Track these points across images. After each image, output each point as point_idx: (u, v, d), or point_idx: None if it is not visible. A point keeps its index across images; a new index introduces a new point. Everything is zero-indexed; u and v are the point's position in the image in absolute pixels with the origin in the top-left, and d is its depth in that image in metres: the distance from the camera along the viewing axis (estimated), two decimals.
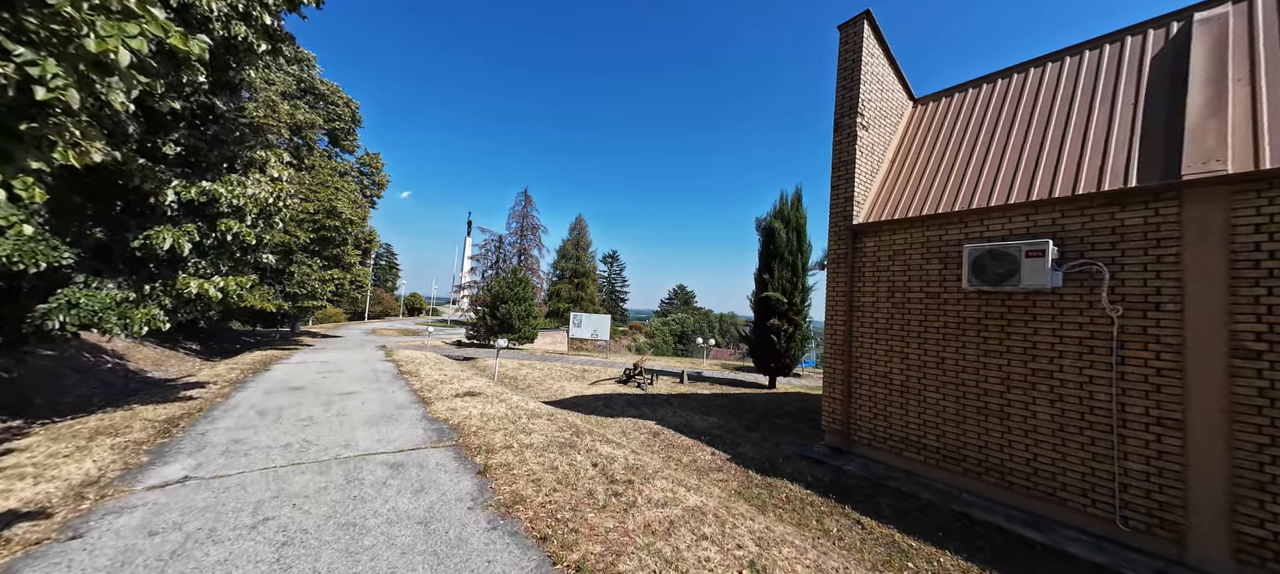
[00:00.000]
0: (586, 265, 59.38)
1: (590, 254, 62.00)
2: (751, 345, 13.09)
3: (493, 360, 14.70)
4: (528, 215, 53.48)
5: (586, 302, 55.14)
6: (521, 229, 52.81)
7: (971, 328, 4.70)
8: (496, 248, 53.08)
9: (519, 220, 52.88)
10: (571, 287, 55.34)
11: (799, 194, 12.83)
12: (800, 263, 12.36)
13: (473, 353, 16.55)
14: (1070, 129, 4.78)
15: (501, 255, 53.00)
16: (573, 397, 9.71)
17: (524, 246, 51.98)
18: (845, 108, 6.24)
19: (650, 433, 7.00)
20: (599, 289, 66.54)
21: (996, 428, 4.45)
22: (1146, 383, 3.58)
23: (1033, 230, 4.31)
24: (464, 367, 12.47)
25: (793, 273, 12.29)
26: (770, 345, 12.20)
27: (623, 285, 74.78)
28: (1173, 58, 4.54)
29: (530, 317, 19.00)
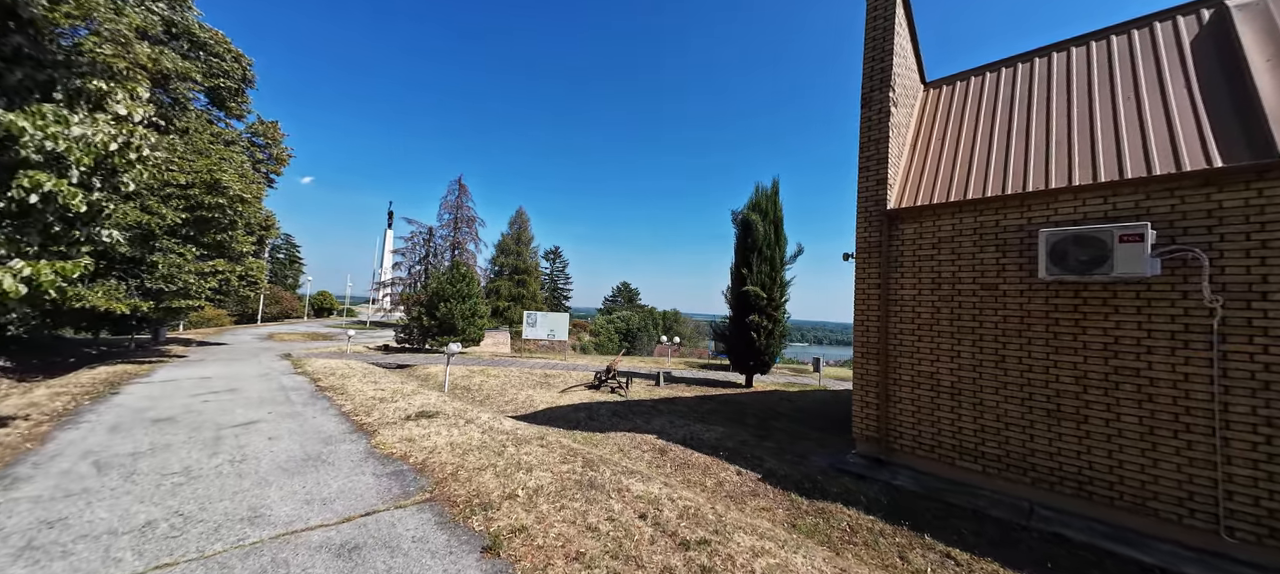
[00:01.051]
0: (528, 261, 56.49)
1: (532, 250, 59.11)
2: (728, 342, 12.55)
3: (435, 367, 12.64)
4: (463, 206, 49.30)
5: (528, 299, 52.35)
6: (455, 221, 48.53)
7: (1038, 322, 4.29)
8: (426, 241, 48.33)
9: (452, 211, 48.53)
10: (512, 284, 52.23)
11: (776, 186, 12.51)
12: (778, 257, 12.04)
13: (406, 359, 14.21)
14: (1121, 111, 4.57)
15: (432, 249, 48.34)
16: (546, 408, 8.33)
17: (458, 240, 47.79)
18: (876, 80, 5.69)
19: (655, 450, 5.96)
20: (541, 286, 63.78)
21: (1072, 433, 4.06)
22: (1253, 380, 3.30)
23: (1111, 214, 3.96)
24: (402, 377, 10.41)
25: (770, 267, 11.93)
26: (749, 342, 11.73)
27: (566, 283, 72.58)
28: (1216, 43, 4.47)
29: (476, 316, 16.88)
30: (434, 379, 10.93)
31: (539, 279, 61.66)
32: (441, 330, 16.45)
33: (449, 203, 49.18)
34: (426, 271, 46.32)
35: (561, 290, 72.22)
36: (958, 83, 6.47)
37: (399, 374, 11.17)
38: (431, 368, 12.63)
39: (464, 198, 49.69)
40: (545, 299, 62.82)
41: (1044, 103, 5.23)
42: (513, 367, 13.53)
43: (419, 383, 9.76)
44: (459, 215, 49.05)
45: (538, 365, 14.10)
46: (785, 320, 12.04)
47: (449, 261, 43.56)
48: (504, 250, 55.53)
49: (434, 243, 48.79)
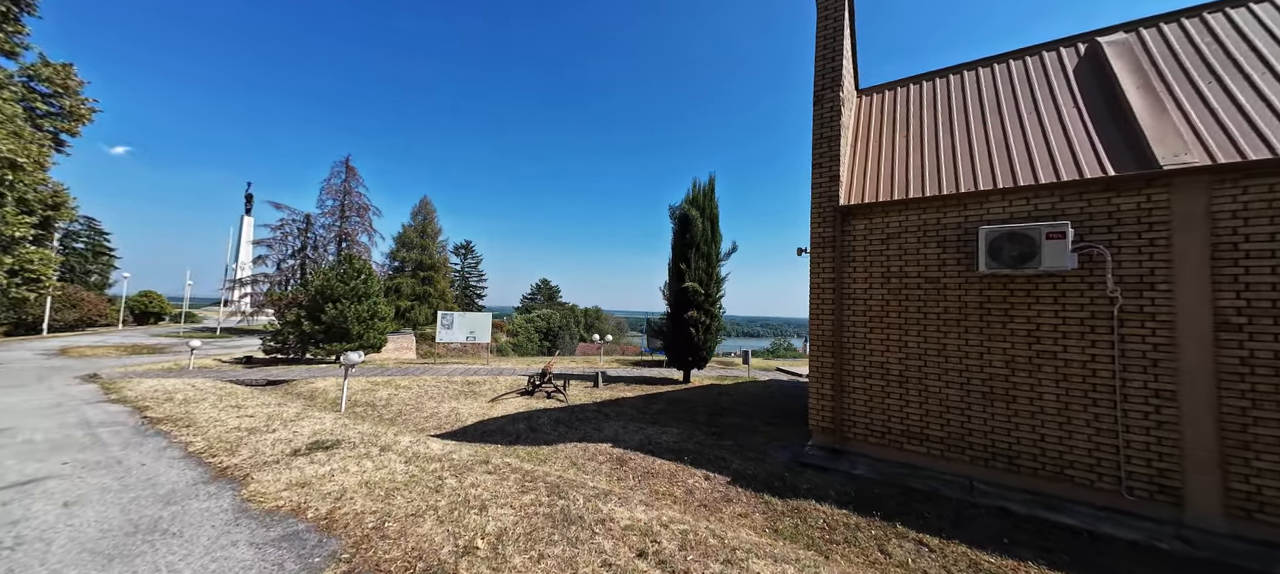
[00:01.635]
0: (436, 256, 51.57)
1: (440, 244, 54.11)
2: (666, 338, 12.45)
3: (325, 381, 10.52)
4: (352, 192, 43.03)
5: (436, 298, 47.77)
6: (343, 209, 42.11)
7: (975, 312, 4.68)
8: (302, 230, 41.30)
9: (338, 197, 42.03)
10: (416, 281, 47.25)
11: (712, 183, 12.70)
12: (714, 253, 12.23)
13: (280, 373, 11.66)
14: (1029, 125, 5.21)
15: (311, 241, 41.46)
16: (478, 422, 7.28)
17: (347, 231, 41.57)
18: (826, 79, 5.83)
19: (613, 460, 5.46)
20: (452, 284, 58.80)
21: (1002, 412, 4.48)
22: (1145, 359, 3.89)
23: (1033, 214, 4.44)
24: (279, 397, 8.39)
25: (707, 263, 12.08)
26: (688, 338, 11.75)
27: (479, 280, 67.99)
28: (1093, 71, 5.31)
29: (375, 318, 14.51)
30: (325, 397, 9.04)
31: (448, 276, 56.81)
32: (329, 336, 13.84)
33: (334, 187, 42.51)
34: (304, 267, 39.52)
35: (474, 288, 67.43)
36: (893, 90, 6.98)
37: (273, 393, 9.03)
38: (319, 382, 10.50)
39: (353, 182, 43.37)
40: (456, 298, 58.11)
41: (971, 113, 5.81)
42: (426, 375, 11.86)
43: (304, 403, 7.95)
44: (347, 202, 42.70)
45: (456, 372, 12.57)
46: (722, 316, 12.28)
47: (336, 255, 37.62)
48: (406, 244, 50.03)
49: (314, 233, 41.87)
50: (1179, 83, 4.61)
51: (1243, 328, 3.57)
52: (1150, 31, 5.31)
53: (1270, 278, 3.50)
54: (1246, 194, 3.61)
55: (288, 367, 13.17)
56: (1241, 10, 4.91)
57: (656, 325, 13.26)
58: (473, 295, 65.83)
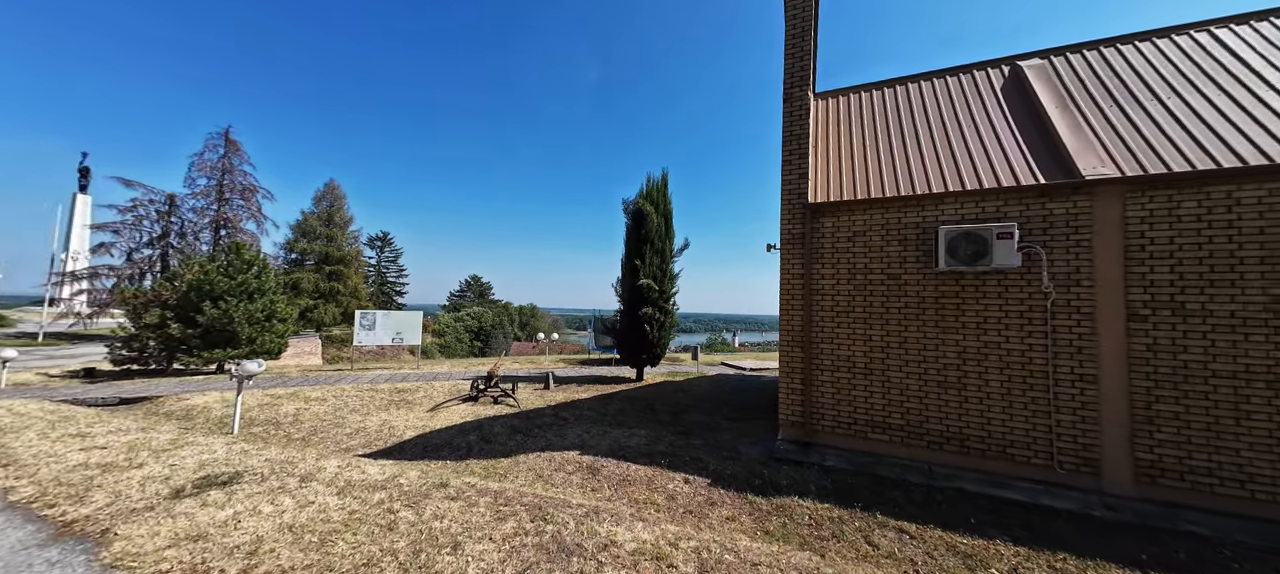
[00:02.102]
0: (345, 248, 46.37)
1: (352, 235, 48.73)
2: (619, 336, 12.18)
3: (205, 397, 8.71)
4: (234, 170, 36.98)
5: (346, 296, 42.93)
6: (221, 189, 36.01)
7: (931, 307, 5.03)
8: (162, 214, 34.66)
9: (214, 176, 35.85)
10: (321, 276, 42.16)
11: (665, 178, 12.64)
12: (669, 249, 12.20)
13: (139, 388, 9.46)
14: (969, 134, 5.74)
15: (177, 227, 34.95)
16: (419, 436, 6.42)
17: (228, 215, 35.63)
18: (796, 77, 5.94)
19: (584, 469, 5.10)
20: (366, 280, 53.28)
21: (954, 399, 4.87)
22: (1071, 347, 4.43)
23: (981, 216, 4.86)
24: (141, 418, 6.73)
25: (662, 259, 12.01)
26: (642, 335, 11.60)
27: (399, 275, 62.45)
28: (1018, 89, 5.99)
29: (273, 319, 12.35)
30: (208, 416, 7.46)
31: (361, 271, 51.44)
32: (208, 342, 11.55)
33: (208, 164, 36.21)
34: (166, 258, 33.18)
35: (394, 285, 61.78)
36: (840, 96, 7.34)
37: (133, 415, 7.27)
38: (196, 398, 8.67)
39: (235, 158, 37.30)
40: (371, 296, 52.76)
41: (919, 121, 6.26)
42: (343, 383, 10.36)
43: (179, 426, 6.48)
44: (228, 182, 36.61)
45: (381, 379, 11.17)
46: (675, 313, 12.29)
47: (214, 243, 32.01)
48: (307, 233, 44.43)
49: (181, 218, 35.38)
50: (1088, 104, 5.34)
51: (1147, 319, 4.19)
52: (1059, 60, 6.11)
53: (1169, 276, 4.13)
54: (1152, 203, 4.23)
55: (149, 380, 10.76)
56: (1130, 46, 5.83)
57: (608, 322, 12.94)
58: (391, 292, 60.22)
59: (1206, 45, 5.40)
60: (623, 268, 12.33)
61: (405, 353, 35.53)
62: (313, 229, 45.41)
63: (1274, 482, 3.72)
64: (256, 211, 38.15)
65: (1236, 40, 5.28)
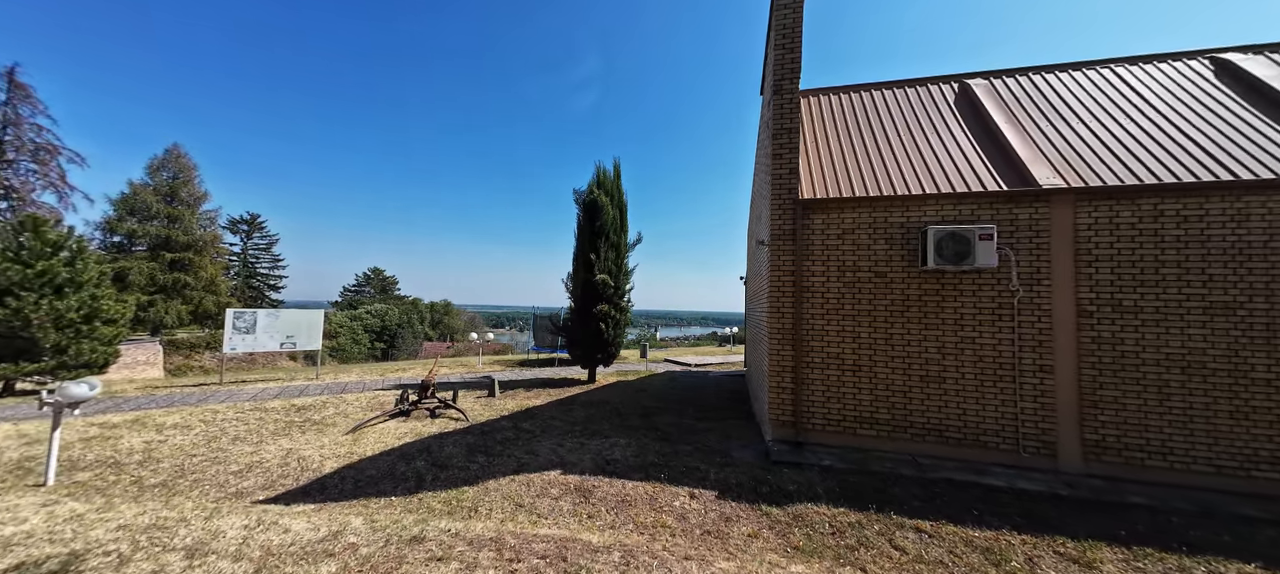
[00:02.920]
0: (195, 231, 38.56)
1: (206, 216, 40.61)
2: (571, 334, 11.45)
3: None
4: (21, 122, 28.53)
5: (197, 291, 35.58)
6: (0, 147, 27.53)
7: (915, 304, 5.31)
8: None
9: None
10: (159, 266, 34.56)
11: (618, 168, 12.15)
12: (623, 243, 11.76)
13: None
14: (934, 141, 6.21)
15: None
16: (345, 468, 5.15)
17: (11, 183, 27.26)
18: (785, 70, 5.90)
19: (572, 492, 4.50)
20: (227, 270, 44.70)
21: (936, 393, 5.20)
22: (1033, 340, 4.95)
23: (960, 218, 5.24)
24: None
25: (617, 254, 11.54)
26: (597, 334, 11.02)
27: (273, 266, 53.60)
28: (969, 104, 6.65)
29: (96, 319, 9.33)
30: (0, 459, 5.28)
31: (221, 260, 43.16)
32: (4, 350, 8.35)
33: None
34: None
35: (266, 277, 52.81)
36: (827, 96, 7.57)
37: None
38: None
39: (23, 106, 28.90)
40: (234, 290, 44.48)
41: (897, 125, 6.64)
42: (212, 402, 8.18)
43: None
44: (13, 138, 28.12)
45: (267, 394, 9.06)
46: (630, 310, 11.88)
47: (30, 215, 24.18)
48: (137, 210, 36.23)
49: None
50: (1030, 122, 6.08)
51: (1093, 314, 4.82)
52: (999, 81, 6.92)
53: (1110, 276, 4.79)
54: (1096, 212, 4.87)
55: None
56: (1054, 75, 6.78)
57: (560, 321, 12.09)
58: (263, 286, 51.32)
59: (1122, 78, 6.47)
60: (575, 262, 11.60)
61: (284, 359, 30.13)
62: (146, 206, 37.00)
63: (1187, 453, 4.49)
64: (58, 179, 29.80)
65: (1144, 77, 6.41)
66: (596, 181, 11.80)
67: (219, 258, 41.24)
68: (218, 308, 37.38)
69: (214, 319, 37.64)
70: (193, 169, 39.34)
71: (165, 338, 29.73)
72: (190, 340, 30.75)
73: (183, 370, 28.40)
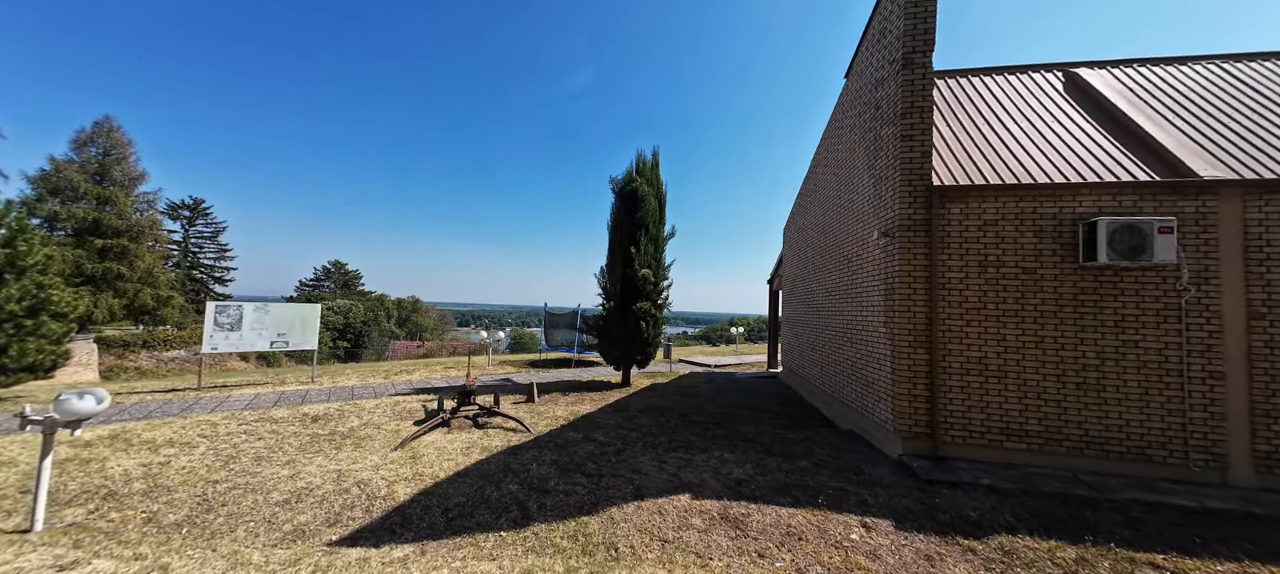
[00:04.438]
0: (130, 216, 35.18)
1: (142, 199, 37.18)
2: (606, 333, 10.67)
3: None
4: None
5: (133, 283, 32.31)
6: None
7: (1069, 304, 4.95)
8: None
9: None
10: (87, 253, 31.33)
11: (656, 157, 11.47)
12: (662, 237, 11.11)
13: None
14: (1059, 129, 5.91)
15: None
16: (422, 494, 4.23)
17: None
18: (918, 41, 5.44)
19: (719, 521, 3.90)
20: (167, 260, 40.96)
21: (1094, 402, 4.84)
22: (1202, 344, 4.67)
23: (1119, 209, 4.91)
24: None
25: (656, 248, 10.88)
26: (636, 332, 10.32)
27: (218, 257, 49.86)
28: (1081, 93, 6.41)
29: (43, 313, 7.77)
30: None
31: (156, 248, 39.54)
32: None
33: None
34: None
35: (211, 268, 48.97)
36: (960, 78, 7.20)
37: None
38: None
39: None
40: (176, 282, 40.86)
41: (1017, 111, 6.30)
42: (200, 411, 6.90)
43: None
44: None
45: (262, 401, 7.81)
46: (668, 307, 11.22)
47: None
48: (61, 191, 32.87)
49: None
50: (1166, 112, 5.87)
51: (1265, 317, 4.57)
52: (1115, 71, 6.73)
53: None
54: (1268, 207, 4.63)
55: None
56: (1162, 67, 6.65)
57: (593, 319, 11.26)
58: (208, 279, 47.48)
59: (1234, 73, 6.38)
60: (611, 256, 10.84)
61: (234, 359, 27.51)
62: (72, 185, 33.44)
63: None
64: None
65: (1264, 72, 6.33)
66: (635, 169, 11.09)
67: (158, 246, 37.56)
68: (156, 302, 33.95)
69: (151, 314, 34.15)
70: (127, 145, 35.70)
71: (94, 335, 26.61)
72: (123, 338, 27.68)
73: (116, 372, 25.43)
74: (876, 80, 6.20)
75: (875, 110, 6.17)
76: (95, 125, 34.43)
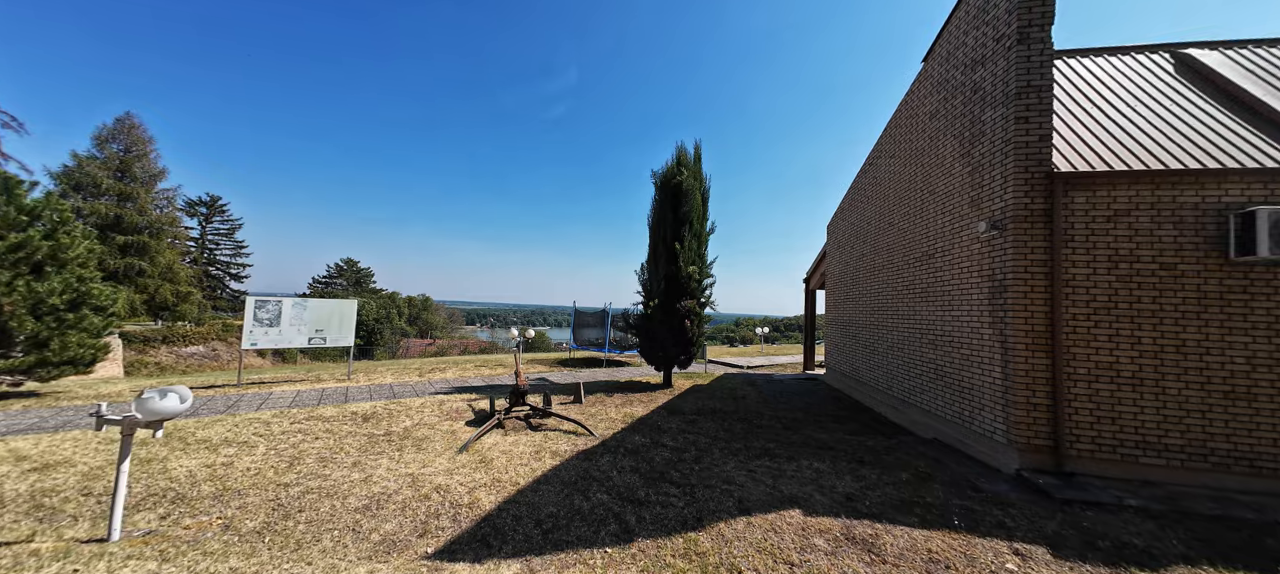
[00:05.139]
0: (151, 212, 35.74)
1: (162, 194, 37.75)
2: (649, 333, 10.30)
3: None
4: None
5: (150, 278, 32.60)
6: None
7: (1215, 303, 4.48)
8: None
9: None
10: (109, 250, 31.70)
11: (699, 150, 11.09)
12: (705, 233, 10.73)
13: None
14: (1182, 111, 5.44)
15: None
16: (507, 503, 3.90)
17: None
18: (1034, 13, 5.00)
19: (854, 544, 3.54)
20: (185, 256, 41.59)
21: (1244, 412, 4.37)
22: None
23: (1269, 198, 4.43)
24: None
25: (699, 244, 10.50)
26: (680, 332, 9.94)
27: (235, 253, 50.53)
28: (1196, 75, 5.92)
29: (86, 305, 7.60)
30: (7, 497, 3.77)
31: (178, 245, 40.19)
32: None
33: None
34: None
35: (227, 265, 49.67)
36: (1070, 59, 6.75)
37: None
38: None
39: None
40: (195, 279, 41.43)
41: (1138, 92, 5.83)
42: (245, 410, 6.64)
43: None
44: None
45: (308, 398, 7.55)
46: (711, 305, 10.82)
47: None
48: (84, 187, 33.35)
49: None
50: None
51: None
52: (1231, 51, 6.22)
53: None
54: None
55: None
56: None
57: (633, 317, 10.88)
58: (225, 275, 48.12)
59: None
60: (653, 252, 10.48)
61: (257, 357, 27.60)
62: (94, 181, 34.02)
63: None
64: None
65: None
66: (677, 163, 10.72)
67: (176, 242, 38.02)
68: (176, 297, 34.29)
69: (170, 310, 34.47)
70: (148, 142, 36.23)
71: (116, 330, 26.89)
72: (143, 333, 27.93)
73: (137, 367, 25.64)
74: (973, 61, 5.77)
75: (972, 92, 5.74)
76: (117, 121, 34.96)
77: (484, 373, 12.03)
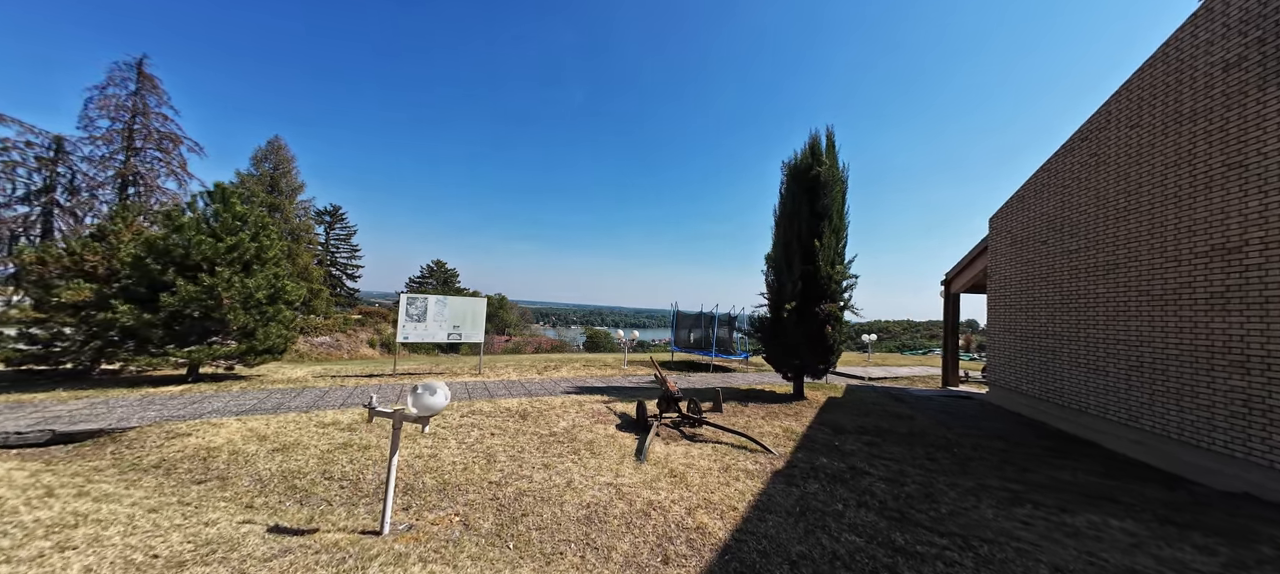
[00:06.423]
0: (294, 221, 40.85)
1: (302, 205, 43.14)
2: (774, 337, 9.59)
3: (209, 429, 5.25)
4: (150, 113, 30.85)
5: (297, 278, 37.32)
6: (130, 134, 29.99)
7: None
8: (45, 162, 28.28)
9: (122, 117, 29.71)
10: (265, 250, 36.22)
11: (831, 137, 10.17)
12: (844, 228, 9.81)
13: (70, 411, 5.81)
14: None
15: (66, 180, 28.65)
16: (744, 531, 3.58)
17: (139, 169, 29.66)
18: None
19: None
20: (315, 259, 47.39)
21: None
22: None
23: None
24: (114, 481, 3.40)
25: (838, 241, 9.61)
26: (819, 338, 9.11)
27: (351, 256, 56.60)
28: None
29: (281, 298, 8.70)
30: (250, 467, 4.18)
31: (312, 249, 45.78)
32: (175, 334, 7.79)
33: (113, 101, 30.09)
34: (49, 217, 27.14)
35: (345, 267, 55.86)
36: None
37: (91, 467, 3.87)
38: (198, 434, 5.23)
39: (150, 97, 31.14)
40: (322, 278, 47.00)
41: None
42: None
43: (198, 488, 3.29)
44: (140, 127, 30.52)
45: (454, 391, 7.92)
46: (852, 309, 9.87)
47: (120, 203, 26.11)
48: (247, 200, 38.23)
49: (72, 168, 29.14)
50: None
51: None
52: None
53: None
54: None
55: (79, 392, 6.91)
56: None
57: (758, 321, 10.25)
58: (342, 275, 54.27)
59: None
60: (786, 250, 9.75)
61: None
62: (252, 195, 39.47)
63: None
64: (179, 166, 32.20)
65: None
66: (811, 151, 9.91)
67: (310, 246, 43.74)
68: (311, 294, 39.47)
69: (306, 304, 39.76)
70: (291, 160, 41.91)
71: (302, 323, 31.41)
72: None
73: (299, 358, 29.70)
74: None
75: None
76: (268, 143, 40.85)
77: (594, 372, 12.07)
